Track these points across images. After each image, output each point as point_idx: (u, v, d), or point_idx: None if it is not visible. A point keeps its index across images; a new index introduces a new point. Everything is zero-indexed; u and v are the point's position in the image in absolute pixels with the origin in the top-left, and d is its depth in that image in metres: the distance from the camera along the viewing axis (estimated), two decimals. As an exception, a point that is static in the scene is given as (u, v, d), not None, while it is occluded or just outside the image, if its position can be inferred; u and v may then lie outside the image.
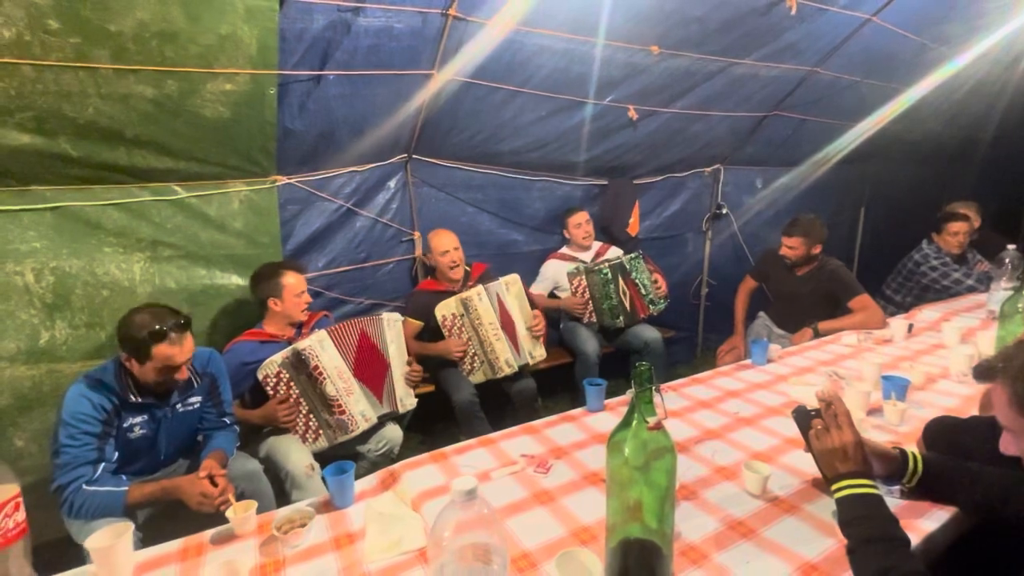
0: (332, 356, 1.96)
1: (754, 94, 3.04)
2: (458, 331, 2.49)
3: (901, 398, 1.53)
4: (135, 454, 1.61)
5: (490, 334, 2.47)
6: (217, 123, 1.91)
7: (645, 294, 2.91)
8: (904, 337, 2.26)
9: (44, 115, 1.64)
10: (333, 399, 1.93)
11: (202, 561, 1.04)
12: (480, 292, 2.46)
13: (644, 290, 2.91)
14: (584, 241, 3.09)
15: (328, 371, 1.92)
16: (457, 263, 2.58)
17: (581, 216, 3.08)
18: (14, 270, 1.85)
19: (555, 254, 3.17)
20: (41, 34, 1.47)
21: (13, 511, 0.87)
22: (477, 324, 2.47)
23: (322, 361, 1.92)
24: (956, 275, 3.01)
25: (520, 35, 2.12)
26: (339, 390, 1.94)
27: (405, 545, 1.05)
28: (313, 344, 1.90)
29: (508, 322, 2.56)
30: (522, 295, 2.68)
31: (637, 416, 0.86)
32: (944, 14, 2.76)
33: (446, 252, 2.56)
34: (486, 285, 2.50)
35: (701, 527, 1.07)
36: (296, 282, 2.07)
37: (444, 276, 2.62)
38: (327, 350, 1.95)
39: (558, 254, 3.17)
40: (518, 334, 2.58)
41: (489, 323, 2.46)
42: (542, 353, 2.69)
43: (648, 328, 3.01)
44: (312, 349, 1.90)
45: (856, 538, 0.91)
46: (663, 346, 3.00)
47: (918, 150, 4.66)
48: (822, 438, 1.05)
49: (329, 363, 1.94)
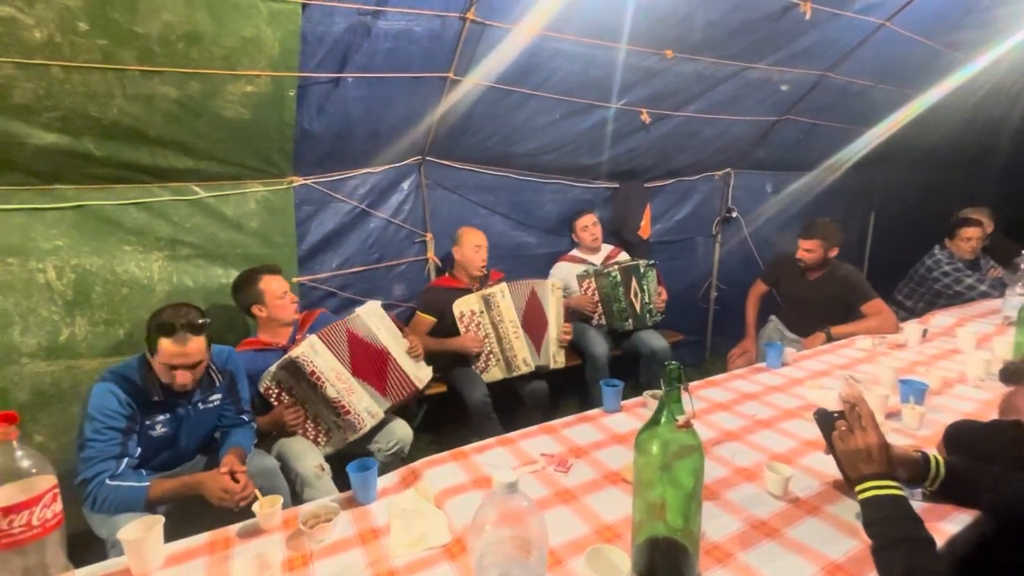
0: (327, 359, 1.94)
1: (766, 98, 3.05)
2: (475, 328, 2.51)
3: (920, 402, 1.54)
4: (156, 451, 1.63)
5: (510, 332, 2.50)
6: (237, 124, 1.93)
7: (647, 302, 2.92)
8: (919, 342, 2.25)
9: (70, 115, 1.67)
10: (336, 401, 1.93)
11: (229, 554, 1.05)
12: (504, 290, 2.50)
13: (647, 298, 2.92)
14: (592, 243, 3.10)
15: (325, 375, 1.91)
16: (486, 261, 2.62)
17: (588, 219, 3.09)
18: (36, 267, 1.88)
19: (565, 256, 3.18)
20: (71, 36, 1.50)
21: (51, 501, 0.88)
22: (498, 321, 2.49)
23: (317, 366, 1.90)
24: (969, 281, 3.00)
25: (536, 39, 2.14)
26: (340, 391, 1.93)
27: (429, 541, 1.06)
28: (306, 351, 1.88)
29: (542, 322, 2.60)
30: (561, 303, 2.72)
31: (666, 415, 0.87)
32: (958, 20, 2.77)
33: (479, 246, 2.60)
34: (524, 280, 2.57)
35: (724, 527, 1.08)
36: (276, 285, 2.03)
37: (466, 272, 2.64)
38: (320, 354, 1.93)
39: (568, 256, 3.18)
40: (548, 336, 2.61)
41: (510, 320, 2.48)
42: (562, 360, 2.73)
43: (656, 336, 3.01)
44: (305, 356, 1.88)
45: (882, 538, 0.91)
46: (670, 354, 3.00)
47: (930, 155, 4.65)
48: (846, 439, 1.05)
49: (325, 366, 1.92)
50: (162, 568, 1.02)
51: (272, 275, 2.05)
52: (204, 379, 1.64)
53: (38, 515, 0.86)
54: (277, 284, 2.04)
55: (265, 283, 2.02)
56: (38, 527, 0.86)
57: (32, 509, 0.85)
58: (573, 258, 3.16)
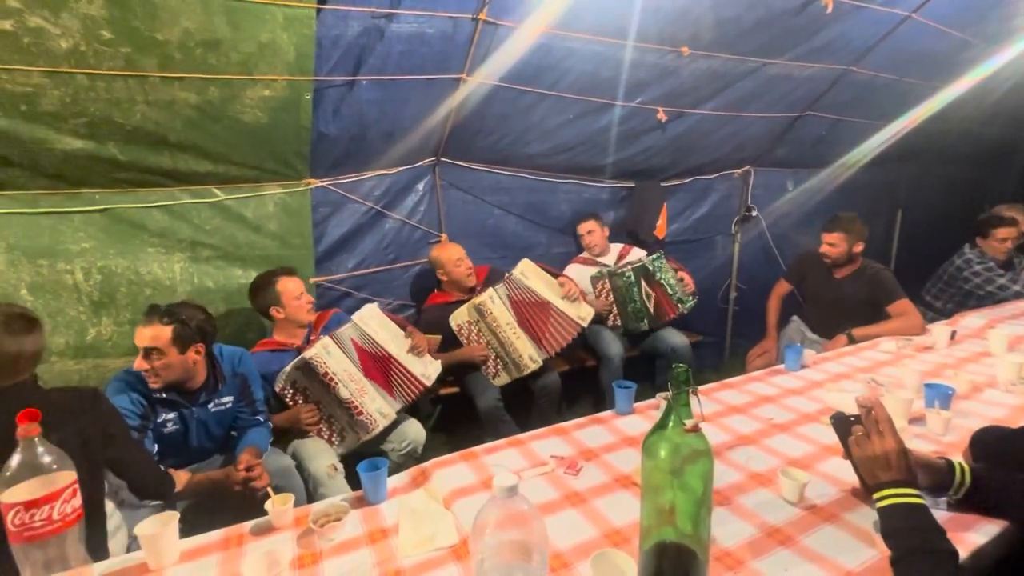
0: (339, 360, 1.97)
1: (787, 95, 2.98)
2: (476, 337, 2.51)
3: (945, 407, 1.48)
4: (169, 448, 1.68)
5: (509, 334, 2.48)
6: (255, 128, 1.97)
7: (672, 294, 2.83)
8: (946, 344, 2.18)
9: (96, 121, 1.73)
10: (348, 401, 1.95)
11: (243, 551, 1.07)
12: (492, 295, 2.47)
13: (671, 290, 2.84)
14: (594, 249, 3.06)
15: (338, 375, 1.94)
16: (471, 269, 2.60)
17: (586, 225, 3.04)
18: (65, 268, 1.94)
19: (577, 258, 3.16)
20: (95, 44, 1.55)
21: (71, 496, 0.91)
22: (495, 327, 2.48)
23: (330, 367, 1.93)
24: (1001, 281, 2.88)
25: (549, 38, 2.13)
26: (352, 392, 1.96)
27: (438, 541, 1.06)
28: (319, 352, 1.92)
29: (541, 303, 2.55)
30: (539, 272, 2.63)
31: (674, 418, 0.85)
32: (986, 10, 2.67)
33: (460, 260, 2.57)
34: (499, 284, 2.51)
35: (737, 533, 1.05)
36: (293, 286, 2.07)
37: (457, 286, 2.62)
38: (333, 355, 1.96)
39: (580, 258, 3.15)
40: (555, 308, 2.55)
41: (506, 323, 2.47)
42: (590, 311, 2.64)
43: (675, 333, 2.97)
44: (319, 357, 1.91)
45: (900, 549, 0.88)
46: (690, 352, 2.96)
47: (956, 150, 4.49)
48: (863, 445, 1.02)
49: (338, 367, 1.95)
50: (177, 563, 1.04)
51: (289, 277, 2.09)
52: (209, 381, 1.68)
53: (58, 509, 0.89)
54: (294, 285, 2.08)
55: (282, 285, 2.06)
56: (58, 521, 0.89)
57: (53, 504, 0.88)
58: (585, 260, 3.14)
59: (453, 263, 2.57)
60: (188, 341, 1.59)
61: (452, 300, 2.61)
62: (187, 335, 1.59)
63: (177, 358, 1.58)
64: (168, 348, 1.55)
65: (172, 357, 1.57)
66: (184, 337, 1.58)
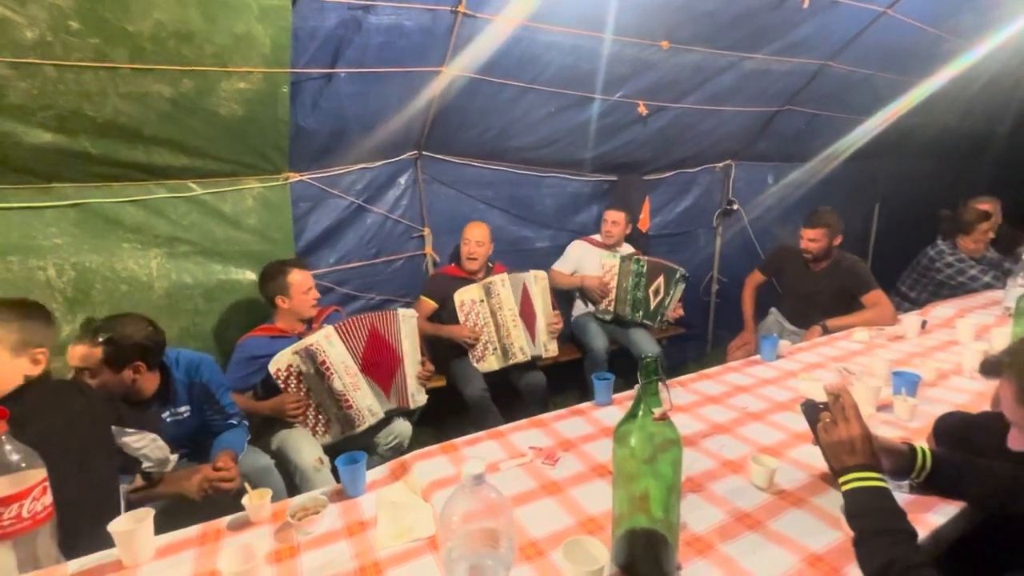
0: (339, 352, 1.98)
1: (766, 89, 3.01)
2: (474, 317, 2.54)
3: (912, 394, 1.53)
4: None
5: (508, 320, 2.55)
6: (232, 121, 1.94)
7: (664, 307, 2.87)
8: (917, 333, 2.23)
9: (65, 114, 1.69)
10: (340, 394, 1.96)
11: (220, 546, 1.07)
12: (504, 279, 2.55)
13: (666, 302, 2.86)
14: (610, 239, 3.07)
15: (335, 366, 1.94)
16: (474, 256, 2.63)
17: (617, 215, 3.05)
18: (37, 265, 1.90)
19: (589, 238, 3.15)
20: (63, 35, 1.51)
21: (41, 494, 0.90)
22: (497, 309, 2.54)
23: (329, 356, 1.93)
24: (972, 271, 2.96)
25: (529, 31, 2.13)
26: (346, 385, 1.97)
27: (416, 533, 1.07)
28: (320, 340, 1.93)
29: (530, 313, 2.64)
30: (547, 292, 2.74)
31: (643, 407, 0.87)
32: (960, 5, 2.72)
33: (467, 241, 2.64)
34: (513, 273, 2.59)
35: (707, 518, 1.08)
36: (303, 279, 2.09)
37: (469, 264, 2.68)
38: (334, 346, 1.97)
39: (589, 238, 3.15)
40: (537, 326, 2.66)
41: (509, 309, 2.54)
42: (555, 349, 2.76)
43: (648, 339, 2.99)
44: (319, 344, 1.92)
45: (863, 530, 0.91)
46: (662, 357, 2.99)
47: (933, 145, 4.59)
48: (830, 431, 1.05)
49: (336, 358, 1.95)
50: (153, 560, 1.04)
51: (300, 269, 2.11)
52: (161, 392, 1.66)
53: (28, 508, 0.88)
54: (304, 278, 2.10)
55: (293, 276, 2.07)
56: (28, 519, 0.88)
57: (22, 502, 0.87)
58: (593, 241, 3.14)
59: (463, 239, 2.66)
60: (123, 361, 1.51)
61: (462, 276, 2.68)
62: (121, 355, 1.50)
63: (112, 378, 1.51)
64: (99, 369, 1.48)
65: (106, 377, 1.49)
66: (117, 358, 1.49)
